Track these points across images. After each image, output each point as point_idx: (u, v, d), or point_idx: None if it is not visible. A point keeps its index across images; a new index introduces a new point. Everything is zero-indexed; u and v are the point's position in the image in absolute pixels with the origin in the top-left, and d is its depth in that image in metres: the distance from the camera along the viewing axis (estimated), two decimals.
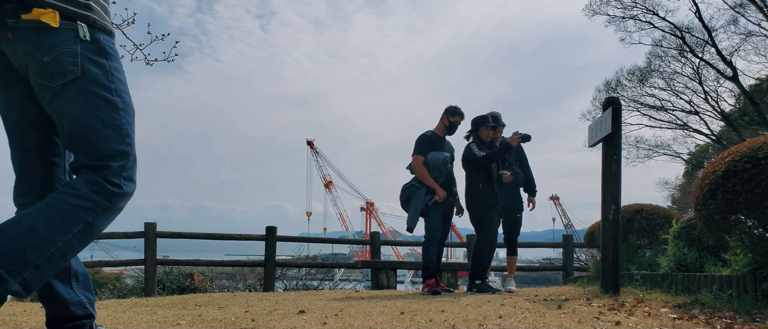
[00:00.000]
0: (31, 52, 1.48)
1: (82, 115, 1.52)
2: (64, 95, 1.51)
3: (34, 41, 1.48)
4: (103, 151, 1.54)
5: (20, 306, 3.71)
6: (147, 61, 5.71)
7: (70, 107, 1.51)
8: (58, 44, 1.49)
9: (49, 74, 1.49)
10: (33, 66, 1.49)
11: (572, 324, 2.72)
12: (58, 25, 1.49)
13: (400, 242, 33.17)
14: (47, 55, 1.48)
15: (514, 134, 5.39)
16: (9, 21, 1.47)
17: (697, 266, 4.42)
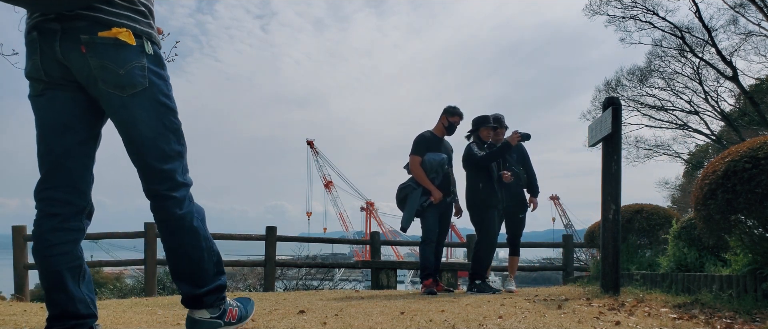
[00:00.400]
0: (106, 65, 1.66)
1: (150, 121, 1.75)
2: (133, 103, 1.72)
3: (111, 56, 1.66)
4: (166, 153, 1.80)
5: (20, 306, 3.71)
6: None
7: (140, 114, 1.73)
8: (131, 59, 1.69)
9: (122, 85, 1.69)
10: (107, 78, 1.68)
11: (572, 324, 2.72)
12: (134, 43, 1.70)
13: (400, 242, 33.14)
14: (122, 69, 1.68)
15: (513, 133, 5.39)
16: (83, 37, 1.64)
17: (697, 266, 4.43)
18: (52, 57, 1.67)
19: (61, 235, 1.75)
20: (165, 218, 1.87)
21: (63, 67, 1.70)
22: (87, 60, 1.65)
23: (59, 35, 1.65)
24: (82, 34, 1.64)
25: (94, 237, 9.38)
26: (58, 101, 1.74)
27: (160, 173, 1.82)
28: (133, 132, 1.76)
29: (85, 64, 1.66)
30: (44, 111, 1.75)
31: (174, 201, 1.85)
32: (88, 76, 1.69)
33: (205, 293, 1.94)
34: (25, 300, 6.57)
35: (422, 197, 5.24)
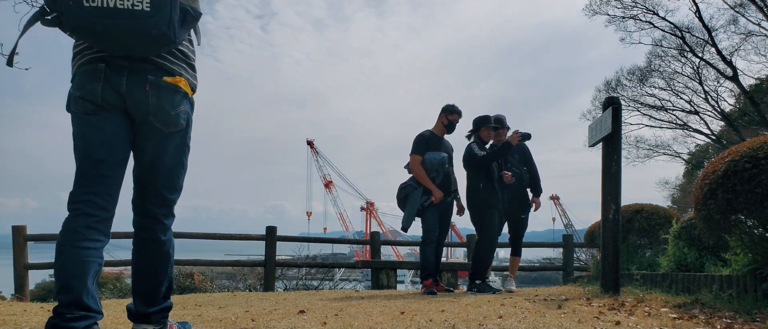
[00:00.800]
0: (163, 104, 1.98)
1: (174, 156, 2.09)
2: (169, 139, 2.06)
3: (169, 98, 2.00)
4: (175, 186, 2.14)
5: (20, 306, 3.71)
6: None
7: (169, 148, 2.07)
8: (182, 104, 2.04)
9: (167, 123, 2.02)
10: (159, 114, 1.99)
11: (572, 324, 2.72)
12: (190, 92, 2.07)
13: (400, 242, 33.14)
14: (174, 110, 2.01)
15: (514, 133, 5.38)
16: (150, 77, 1.96)
17: (697, 266, 4.42)
18: (115, 87, 1.95)
19: (93, 233, 1.93)
20: (148, 239, 2.14)
21: (120, 97, 1.97)
22: (148, 96, 1.97)
23: (127, 72, 1.95)
24: (149, 75, 1.96)
25: None
26: (108, 123, 1.98)
27: (164, 200, 2.13)
28: (158, 161, 2.08)
29: (145, 100, 1.97)
30: (94, 129, 1.98)
31: (163, 227, 2.15)
32: (144, 110, 1.98)
33: (155, 312, 2.19)
34: (25, 300, 6.57)
35: (423, 196, 5.24)
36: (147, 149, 2.06)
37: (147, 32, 1.83)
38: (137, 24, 1.81)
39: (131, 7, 1.79)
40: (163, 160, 2.07)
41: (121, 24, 1.80)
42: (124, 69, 1.94)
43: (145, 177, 2.10)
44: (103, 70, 1.94)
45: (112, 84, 1.94)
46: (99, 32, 1.82)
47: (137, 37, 1.84)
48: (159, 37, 1.85)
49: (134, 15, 1.80)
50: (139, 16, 1.81)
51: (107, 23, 1.79)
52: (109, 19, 1.78)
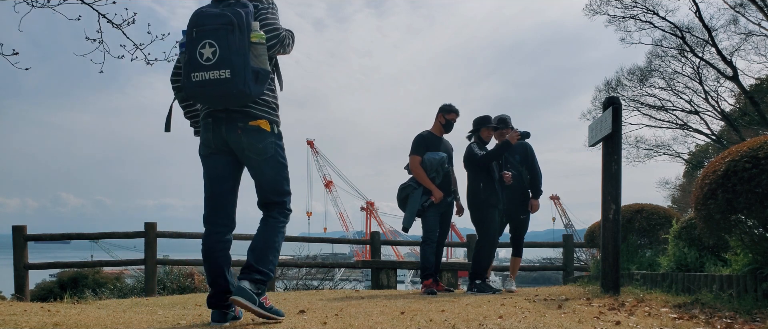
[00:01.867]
0: (252, 142, 2.69)
1: (272, 173, 2.78)
2: (264, 163, 2.75)
3: (255, 136, 2.69)
4: (281, 191, 2.82)
5: (20, 306, 3.71)
6: (147, 61, 5.72)
7: (266, 169, 2.76)
8: (267, 138, 2.73)
9: (259, 153, 2.72)
10: (251, 149, 2.71)
11: (572, 324, 2.72)
12: (269, 129, 2.74)
13: (401, 242, 33.14)
14: (261, 144, 2.71)
15: (513, 132, 5.38)
16: (240, 124, 2.67)
17: (698, 266, 4.42)
18: (219, 134, 2.70)
19: (221, 246, 2.79)
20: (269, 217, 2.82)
21: (223, 141, 2.71)
22: (241, 138, 2.68)
23: (225, 121, 2.67)
24: (239, 122, 2.66)
25: (94, 237, 9.38)
26: (219, 162, 2.78)
27: (274, 203, 2.83)
28: (262, 178, 2.79)
29: (240, 141, 2.69)
30: (211, 168, 2.80)
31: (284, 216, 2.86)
32: (241, 148, 2.72)
33: (258, 270, 2.69)
34: (26, 300, 6.57)
35: (423, 196, 5.24)
36: (252, 172, 2.80)
37: (230, 92, 2.53)
38: (223, 87, 2.52)
39: (218, 76, 2.52)
40: (265, 177, 2.78)
41: (213, 89, 2.54)
42: (222, 120, 2.67)
43: (258, 189, 2.83)
44: (211, 123, 2.71)
45: (217, 132, 2.69)
46: (201, 96, 2.61)
47: (225, 97, 2.56)
48: (239, 94, 2.55)
49: (220, 82, 2.52)
50: (224, 82, 2.52)
51: (205, 90, 2.55)
52: (206, 87, 2.54)
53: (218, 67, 2.51)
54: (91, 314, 3.23)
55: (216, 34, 2.53)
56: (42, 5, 5.28)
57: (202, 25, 2.56)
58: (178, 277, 8.59)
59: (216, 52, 2.52)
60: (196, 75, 2.54)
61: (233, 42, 2.52)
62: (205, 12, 2.61)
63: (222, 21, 2.54)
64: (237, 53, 2.52)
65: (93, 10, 5.44)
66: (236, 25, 2.54)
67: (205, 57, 2.53)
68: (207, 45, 2.53)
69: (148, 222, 7.48)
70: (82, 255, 21.57)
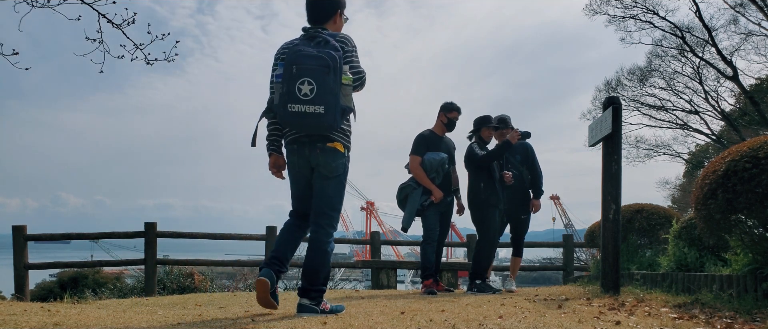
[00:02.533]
0: (327, 161, 3.14)
1: (334, 191, 3.22)
2: (331, 180, 3.19)
3: (330, 156, 3.14)
4: (335, 207, 3.25)
5: (20, 306, 3.71)
6: (147, 61, 5.72)
7: (331, 185, 3.20)
8: (339, 158, 3.16)
9: (330, 171, 3.17)
10: (325, 166, 3.15)
11: (572, 324, 2.72)
12: (343, 151, 3.18)
13: (401, 241, 33.14)
14: (334, 163, 3.15)
15: (513, 132, 5.38)
16: (319, 145, 3.12)
17: (698, 266, 4.42)
18: (303, 156, 3.17)
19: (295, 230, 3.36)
20: (315, 239, 3.21)
21: (305, 158, 3.17)
22: (319, 156, 3.14)
23: (307, 145, 3.14)
24: (318, 143, 3.12)
25: (94, 237, 9.37)
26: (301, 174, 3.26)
27: (325, 216, 3.21)
28: (324, 193, 3.20)
29: (317, 158, 3.14)
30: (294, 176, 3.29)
31: (325, 233, 3.21)
32: (316, 164, 3.17)
33: (311, 290, 3.14)
34: (25, 299, 6.57)
35: (423, 196, 5.24)
36: (318, 185, 3.22)
37: (321, 125, 2.99)
38: (317, 120, 2.96)
39: (313, 111, 2.94)
40: (327, 192, 3.20)
41: (308, 121, 2.97)
42: (306, 143, 3.15)
43: (317, 201, 3.23)
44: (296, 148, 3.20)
45: (302, 155, 3.18)
46: (296, 125, 3.05)
47: (316, 127, 3.02)
48: (328, 127, 3.02)
49: (315, 115, 2.94)
50: (318, 116, 2.95)
51: (301, 121, 2.97)
52: (303, 119, 2.96)
53: (314, 103, 2.94)
54: (91, 314, 3.23)
55: (314, 74, 2.94)
56: (42, 5, 5.28)
57: (301, 63, 2.96)
58: (178, 277, 8.58)
59: (313, 89, 2.94)
60: (293, 107, 2.95)
61: (328, 83, 2.96)
62: (304, 52, 2.99)
63: (320, 63, 2.95)
64: (331, 93, 2.96)
65: (93, 10, 5.43)
66: (332, 68, 2.96)
67: (303, 93, 2.95)
68: (306, 82, 2.94)
69: (148, 222, 7.48)
70: (82, 255, 21.54)
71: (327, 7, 3.25)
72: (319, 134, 3.09)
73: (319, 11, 3.25)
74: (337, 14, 3.29)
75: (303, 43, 3.06)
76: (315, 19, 3.25)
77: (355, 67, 3.13)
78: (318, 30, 3.15)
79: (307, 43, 3.07)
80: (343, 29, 3.35)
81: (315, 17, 3.25)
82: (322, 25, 3.22)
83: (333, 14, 3.26)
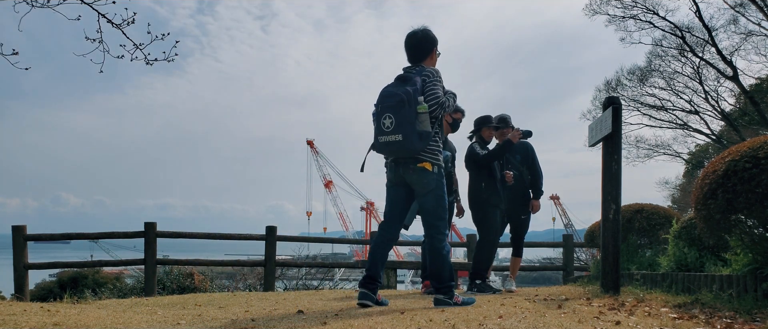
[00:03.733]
0: (420, 179, 3.68)
1: (433, 204, 3.74)
2: (427, 196, 3.72)
3: (420, 175, 3.67)
4: (439, 216, 3.77)
5: (20, 306, 3.71)
6: (147, 61, 5.71)
7: (428, 199, 3.73)
8: (428, 176, 3.68)
9: (424, 187, 3.70)
10: (419, 184, 3.70)
11: (572, 324, 2.72)
12: (431, 169, 3.67)
13: (401, 242, 33.10)
14: (424, 180, 3.68)
15: (515, 131, 5.36)
16: (411, 166, 3.66)
17: (698, 266, 4.42)
18: (398, 173, 3.75)
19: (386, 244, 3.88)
20: (430, 245, 3.82)
21: (401, 177, 3.75)
22: (412, 175, 3.70)
23: (402, 165, 3.71)
24: (411, 164, 3.67)
25: (94, 237, 9.37)
26: (397, 191, 3.84)
27: (432, 226, 3.80)
28: (425, 206, 3.78)
29: (411, 177, 3.71)
30: (391, 194, 3.86)
31: (437, 239, 3.80)
32: (412, 182, 3.74)
33: (442, 287, 3.75)
34: (25, 299, 6.57)
35: None
36: (419, 201, 3.80)
37: (402, 149, 3.58)
38: (398, 146, 3.57)
39: (394, 139, 3.55)
40: (427, 205, 3.76)
41: (392, 147, 3.61)
42: (399, 164, 3.73)
43: (422, 213, 3.84)
44: (393, 165, 3.79)
45: (397, 171, 3.76)
46: (385, 152, 3.72)
47: (399, 152, 3.63)
48: (408, 151, 3.59)
49: (396, 143, 3.56)
50: (398, 143, 3.55)
51: (388, 148, 3.63)
52: (388, 146, 3.61)
53: (394, 132, 3.54)
54: (91, 314, 3.23)
55: (392, 109, 3.55)
56: (42, 5, 5.27)
57: (383, 102, 3.62)
58: (178, 277, 8.58)
59: (393, 122, 3.55)
60: (381, 138, 3.62)
61: (403, 115, 3.53)
62: (385, 92, 3.66)
63: (396, 100, 3.55)
64: (407, 123, 3.53)
65: (93, 10, 5.42)
66: (406, 101, 3.53)
67: (386, 126, 3.58)
68: (387, 117, 3.58)
69: (148, 222, 7.48)
70: (82, 255, 21.51)
71: (423, 48, 3.80)
72: (409, 157, 3.66)
73: (418, 52, 3.82)
74: (432, 53, 3.85)
75: (391, 85, 3.71)
76: (415, 59, 3.82)
77: (432, 95, 3.62)
78: (411, 70, 3.77)
79: (395, 84, 3.70)
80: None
81: (415, 57, 3.82)
82: (419, 63, 3.80)
83: (429, 53, 3.82)
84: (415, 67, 3.74)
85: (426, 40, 3.79)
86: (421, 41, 3.78)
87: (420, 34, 3.80)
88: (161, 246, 7.72)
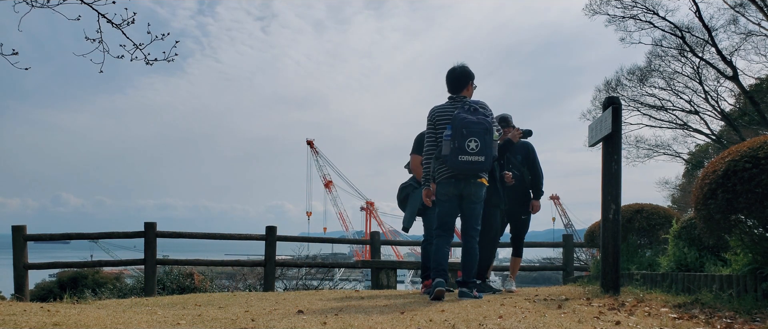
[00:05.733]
0: (477, 191, 4.40)
1: (479, 211, 4.50)
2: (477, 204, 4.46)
3: (478, 187, 4.40)
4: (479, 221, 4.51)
5: (20, 306, 3.71)
6: (147, 60, 5.70)
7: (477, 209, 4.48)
8: (483, 188, 4.44)
9: (478, 198, 4.44)
10: (476, 195, 4.41)
11: (572, 324, 2.72)
12: (486, 183, 4.45)
13: (400, 241, 33.14)
14: (480, 192, 4.43)
15: (515, 130, 5.36)
16: (472, 180, 4.34)
17: (697, 266, 4.42)
18: (458, 188, 4.38)
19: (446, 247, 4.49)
20: (467, 245, 4.46)
21: (458, 191, 4.39)
22: (471, 188, 4.37)
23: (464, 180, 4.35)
24: (471, 179, 4.34)
25: (94, 237, 9.37)
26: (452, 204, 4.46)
27: (473, 229, 4.47)
28: (472, 213, 4.46)
29: (470, 190, 4.38)
30: (447, 207, 4.46)
31: (473, 241, 4.47)
32: (469, 194, 4.39)
33: (467, 283, 4.41)
34: (25, 299, 6.57)
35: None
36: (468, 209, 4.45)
37: (482, 169, 4.31)
38: (480, 166, 4.27)
39: (477, 160, 4.21)
40: (474, 213, 4.46)
41: (474, 167, 4.26)
42: (462, 179, 4.35)
43: (465, 219, 4.49)
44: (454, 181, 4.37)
45: (457, 186, 4.38)
46: (466, 170, 4.29)
47: (479, 170, 4.31)
48: (485, 170, 4.35)
49: (478, 163, 4.24)
50: (480, 163, 4.25)
51: (470, 167, 4.25)
52: (471, 165, 4.24)
53: (479, 154, 4.20)
54: (90, 314, 3.23)
55: (479, 135, 4.20)
56: (42, 5, 5.26)
57: (469, 127, 4.20)
58: (178, 277, 8.59)
59: (478, 145, 4.19)
60: (464, 157, 4.19)
61: (487, 141, 4.23)
62: (469, 119, 4.23)
63: (484, 127, 4.22)
64: (489, 147, 4.24)
65: (93, 10, 5.42)
66: (489, 129, 4.24)
67: (471, 148, 4.20)
68: (473, 141, 4.19)
69: (148, 222, 7.48)
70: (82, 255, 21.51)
71: (461, 82, 4.49)
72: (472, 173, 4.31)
73: (458, 84, 4.50)
74: (469, 85, 4.54)
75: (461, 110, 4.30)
76: (455, 90, 4.50)
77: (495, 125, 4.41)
78: (462, 98, 4.47)
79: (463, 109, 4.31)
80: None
81: (455, 88, 4.50)
82: (458, 93, 4.49)
83: (466, 85, 4.52)
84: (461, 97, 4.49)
85: (463, 75, 4.50)
86: (460, 76, 4.49)
87: (459, 70, 4.50)
88: (161, 246, 7.73)
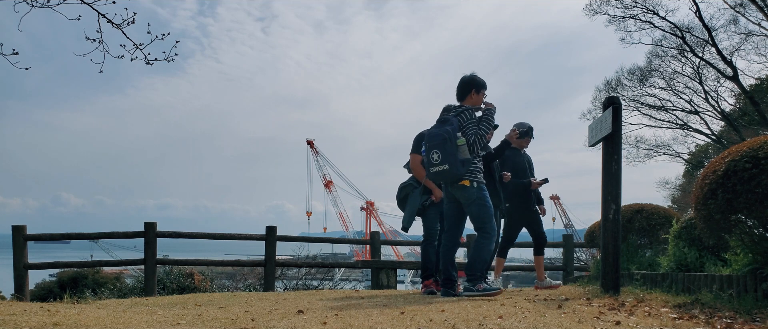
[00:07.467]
0: (463, 193, 4.61)
1: (477, 211, 4.62)
2: (471, 206, 4.63)
3: (462, 190, 4.61)
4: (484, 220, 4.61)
5: (20, 306, 3.71)
6: (147, 60, 5.70)
7: (473, 209, 4.63)
8: (468, 190, 4.59)
9: (467, 200, 4.62)
10: (463, 198, 4.62)
11: (572, 324, 2.72)
12: (469, 184, 4.58)
13: (400, 241, 33.12)
14: (466, 194, 4.60)
15: (511, 130, 5.38)
16: (456, 184, 4.59)
17: (698, 266, 4.42)
18: (448, 192, 4.70)
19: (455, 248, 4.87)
20: (477, 243, 4.62)
21: (451, 193, 4.68)
22: (457, 192, 4.63)
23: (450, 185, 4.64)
24: (455, 182, 4.57)
25: (94, 237, 9.36)
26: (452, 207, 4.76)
27: (479, 228, 4.62)
28: (471, 214, 4.65)
29: (458, 193, 4.62)
30: (448, 209, 4.78)
31: (483, 237, 4.62)
32: (459, 197, 4.64)
33: (469, 276, 4.53)
34: (25, 299, 6.57)
35: (423, 196, 5.23)
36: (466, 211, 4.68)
37: (449, 176, 4.54)
38: (446, 174, 4.54)
39: (442, 169, 4.51)
40: (472, 213, 4.64)
41: (441, 176, 4.58)
42: (448, 185, 4.67)
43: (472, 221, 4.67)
44: (443, 187, 4.79)
45: (448, 191, 4.72)
46: (437, 180, 4.72)
47: (448, 178, 4.57)
48: (454, 176, 4.53)
49: (444, 171, 4.53)
50: (445, 171, 4.51)
51: (438, 176, 4.59)
52: (438, 175, 4.58)
53: (442, 164, 4.49)
54: (90, 314, 3.23)
55: (439, 146, 4.50)
56: (42, 5, 5.26)
57: (431, 140, 4.58)
58: (178, 277, 8.59)
59: (439, 156, 4.50)
60: (432, 169, 4.57)
61: (446, 149, 4.48)
62: (432, 132, 4.60)
63: (442, 138, 4.50)
64: (451, 155, 4.48)
65: (93, 9, 5.42)
66: (447, 139, 4.48)
67: (434, 159, 4.54)
68: (435, 152, 4.53)
69: (148, 222, 7.48)
70: (82, 255, 21.49)
71: (463, 90, 4.77)
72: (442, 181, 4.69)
73: (460, 92, 4.80)
74: (470, 93, 4.75)
75: (434, 127, 4.67)
76: (458, 98, 4.81)
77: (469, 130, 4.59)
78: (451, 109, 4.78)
79: (437, 126, 4.66)
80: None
81: (458, 97, 4.81)
82: (462, 100, 4.78)
83: (468, 94, 4.75)
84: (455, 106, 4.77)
85: (463, 85, 4.76)
86: (460, 86, 4.78)
87: (461, 80, 4.80)
88: (161, 246, 7.72)
